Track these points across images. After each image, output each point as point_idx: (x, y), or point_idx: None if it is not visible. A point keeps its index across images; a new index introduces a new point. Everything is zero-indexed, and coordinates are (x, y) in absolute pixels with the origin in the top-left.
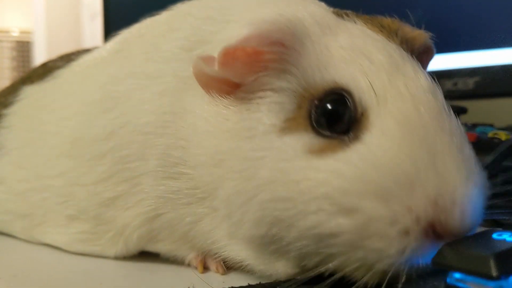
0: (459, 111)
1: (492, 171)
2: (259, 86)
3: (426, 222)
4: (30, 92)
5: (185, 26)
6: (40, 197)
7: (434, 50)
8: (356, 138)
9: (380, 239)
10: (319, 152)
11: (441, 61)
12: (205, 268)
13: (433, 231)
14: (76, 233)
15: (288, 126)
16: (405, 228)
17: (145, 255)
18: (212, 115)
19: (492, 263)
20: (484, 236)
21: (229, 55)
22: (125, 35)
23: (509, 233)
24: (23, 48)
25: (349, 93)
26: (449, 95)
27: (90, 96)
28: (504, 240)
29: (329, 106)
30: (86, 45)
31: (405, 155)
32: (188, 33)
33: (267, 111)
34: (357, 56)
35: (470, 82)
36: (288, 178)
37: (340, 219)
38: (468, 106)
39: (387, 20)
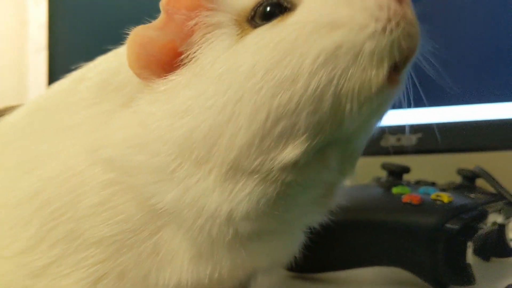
0: (402, 171)
1: (436, 233)
2: (200, 33)
3: None
4: None
5: (94, 72)
6: None
7: None
8: (297, 5)
9: (366, 26)
10: (279, 22)
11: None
12: None
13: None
14: None
15: (240, 35)
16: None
17: None
18: (158, 99)
19: None
20: None
21: (172, 1)
22: (37, 101)
23: None
24: None
25: None
26: (393, 151)
27: (8, 161)
28: None
29: (267, 9)
30: (31, 78)
31: None
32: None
33: (219, 41)
34: None
35: (413, 138)
36: (281, 49)
37: (331, 36)
38: (411, 161)
39: None
